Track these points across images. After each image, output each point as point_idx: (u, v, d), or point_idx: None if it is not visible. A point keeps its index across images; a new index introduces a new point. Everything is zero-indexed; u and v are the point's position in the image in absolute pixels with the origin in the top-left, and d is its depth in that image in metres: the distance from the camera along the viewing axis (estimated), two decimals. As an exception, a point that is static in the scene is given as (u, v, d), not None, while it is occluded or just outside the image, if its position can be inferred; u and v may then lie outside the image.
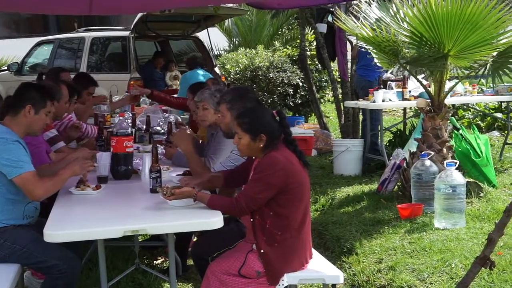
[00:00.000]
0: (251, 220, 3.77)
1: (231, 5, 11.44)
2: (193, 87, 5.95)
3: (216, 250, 4.06)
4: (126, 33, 11.60)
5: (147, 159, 4.52)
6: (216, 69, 11.76)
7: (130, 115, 6.94)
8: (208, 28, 11.92)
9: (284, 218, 3.74)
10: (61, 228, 3.43)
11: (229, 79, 12.09)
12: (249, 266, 3.76)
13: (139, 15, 10.83)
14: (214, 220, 3.54)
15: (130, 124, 6.44)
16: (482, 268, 3.17)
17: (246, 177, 4.04)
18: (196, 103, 5.14)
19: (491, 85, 7.36)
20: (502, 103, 9.30)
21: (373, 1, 6.60)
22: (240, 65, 12.34)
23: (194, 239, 5.41)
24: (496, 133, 10.34)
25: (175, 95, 8.71)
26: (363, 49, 7.35)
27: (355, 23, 6.46)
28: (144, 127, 6.30)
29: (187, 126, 6.58)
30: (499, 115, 10.28)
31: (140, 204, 3.97)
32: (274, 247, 3.74)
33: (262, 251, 3.73)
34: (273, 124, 3.81)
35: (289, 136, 3.86)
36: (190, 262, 5.17)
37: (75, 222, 3.58)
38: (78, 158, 4.26)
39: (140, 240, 5.53)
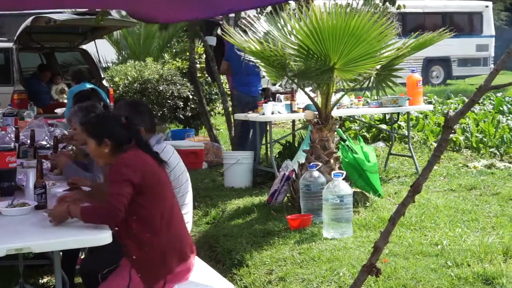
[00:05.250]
0: (116, 229, 3.67)
1: (117, 16, 11.27)
2: (79, 98, 5.81)
3: (105, 266, 3.94)
4: (9, 44, 11.21)
5: (32, 174, 4.37)
6: (104, 82, 11.55)
7: (13, 129, 6.68)
8: (96, 40, 11.70)
9: (149, 219, 3.67)
10: None
11: (117, 91, 11.89)
12: (135, 282, 3.66)
13: (23, 26, 10.50)
14: (102, 236, 3.45)
15: (13, 139, 6.21)
16: (369, 276, 3.23)
17: None
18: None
19: (376, 97, 7.59)
20: (386, 115, 9.59)
21: (261, 14, 6.67)
22: (129, 77, 12.16)
23: (82, 256, 5.27)
24: (381, 144, 10.68)
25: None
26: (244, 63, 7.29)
27: (243, 37, 6.51)
28: (29, 141, 6.08)
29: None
30: (383, 126, 10.62)
31: (24, 221, 3.81)
32: (145, 251, 3.66)
33: (134, 257, 3.65)
34: (117, 130, 3.77)
35: (141, 141, 3.84)
36: (79, 279, 5.02)
37: (-47, 242, 3.39)
38: None
39: (24, 259, 5.32)
